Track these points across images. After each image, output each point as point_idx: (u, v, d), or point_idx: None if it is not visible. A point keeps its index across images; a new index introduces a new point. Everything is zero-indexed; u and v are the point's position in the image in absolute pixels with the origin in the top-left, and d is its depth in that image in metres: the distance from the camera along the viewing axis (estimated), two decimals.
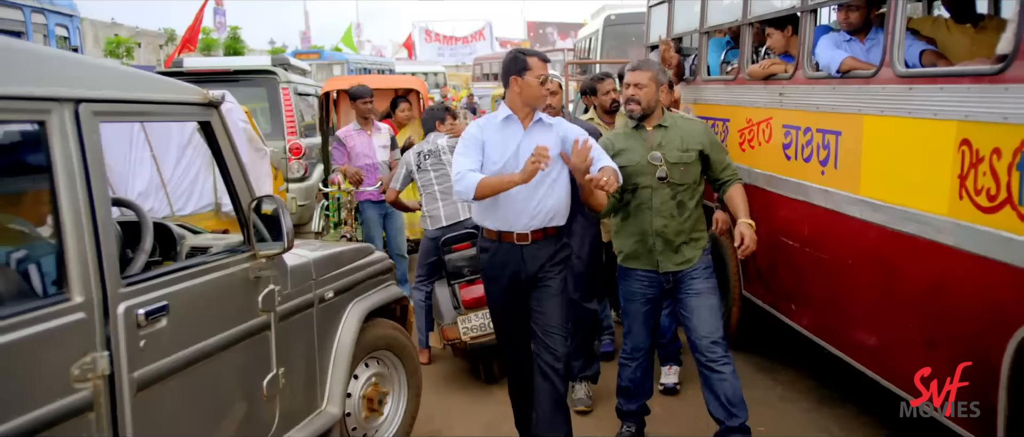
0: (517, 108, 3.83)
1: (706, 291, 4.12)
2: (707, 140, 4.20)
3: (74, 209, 2.36)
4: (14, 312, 2.21)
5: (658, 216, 4.09)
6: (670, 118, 4.22)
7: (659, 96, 4.14)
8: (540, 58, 3.83)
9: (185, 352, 2.78)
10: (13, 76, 2.27)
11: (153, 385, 2.63)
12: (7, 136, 2.47)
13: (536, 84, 3.76)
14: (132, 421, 2.54)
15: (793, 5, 4.92)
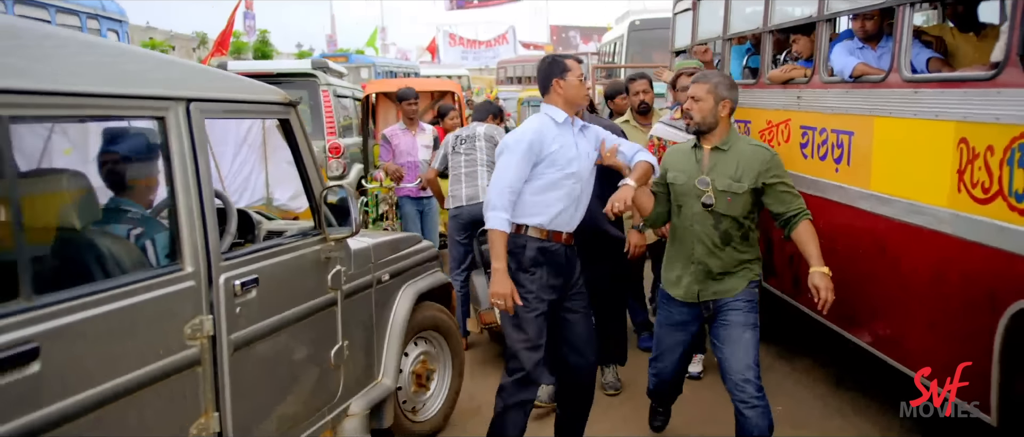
0: (564, 110, 3.87)
1: (743, 325, 3.78)
2: (766, 171, 3.72)
3: (186, 193, 2.77)
4: (141, 278, 2.62)
5: (699, 244, 3.80)
6: (733, 140, 3.79)
7: (719, 112, 3.73)
8: (575, 59, 3.93)
9: (270, 320, 3.18)
10: (140, 79, 2.69)
11: (245, 347, 3.03)
12: (132, 130, 2.89)
13: (578, 84, 3.84)
14: (230, 377, 2.94)
15: (811, 14, 5.27)
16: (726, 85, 3.76)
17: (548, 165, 3.76)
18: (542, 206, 3.78)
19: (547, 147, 3.75)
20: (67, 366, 2.27)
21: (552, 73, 3.87)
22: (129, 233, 2.86)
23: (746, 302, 3.81)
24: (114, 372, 2.43)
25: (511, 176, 3.72)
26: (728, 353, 3.77)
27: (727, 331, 3.80)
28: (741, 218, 3.75)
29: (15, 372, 2.11)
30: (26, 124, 2.56)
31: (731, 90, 3.76)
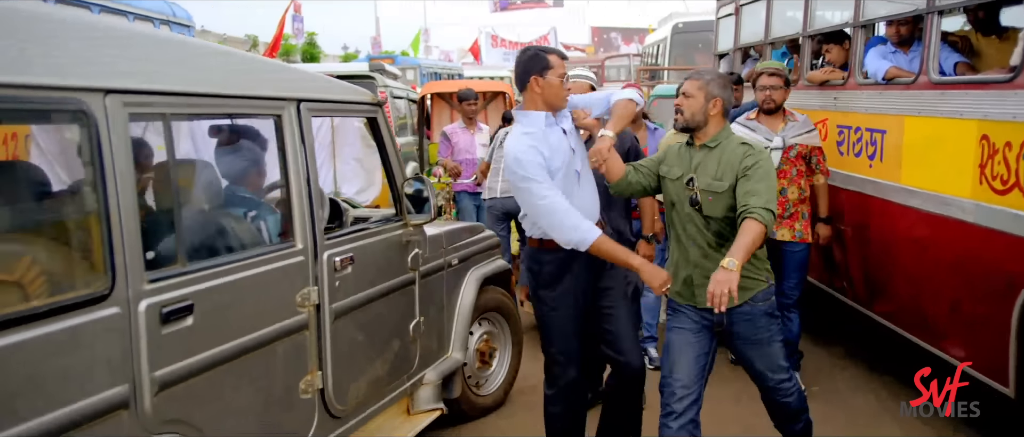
0: (542, 110, 3.56)
1: (767, 340, 3.58)
2: (742, 167, 3.47)
3: (297, 181, 3.23)
4: (265, 251, 3.08)
5: (694, 247, 3.58)
6: (722, 138, 3.57)
7: (709, 110, 3.54)
8: (560, 55, 3.56)
9: (362, 293, 3.63)
10: (261, 82, 3.15)
11: (343, 316, 3.48)
12: (250, 127, 3.36)
13: (558, 84, 3.51)
14: (331, 342, 3.39)
15: (847, 20, 5.63)
16: (718, 84, 3.58)
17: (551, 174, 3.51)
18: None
19: (550, 154, 3.49)
20: (212, 321, 2.73)
21: (532, 68, 3.51)
22: (246, 214, 3.33)
23: (763, 315, 3.56)
24: (246, 329, 2.90)
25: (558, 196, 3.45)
26: (759, 366, 3.62)
27: (752, 350, 3.60)
28: (730, 218, 3.48)
29: (176, 323, 2.58)
30: (180, 121, 3.03)
31: (723, 89, 3.58)
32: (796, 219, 5.06)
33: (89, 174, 2.33)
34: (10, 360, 2.06)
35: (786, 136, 5.03)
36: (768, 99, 5.07)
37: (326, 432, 3.41)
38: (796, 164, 5.04)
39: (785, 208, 5.01)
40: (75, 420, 2.23)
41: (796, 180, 5.06)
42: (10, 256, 2.23)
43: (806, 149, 5.05)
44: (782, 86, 5.07)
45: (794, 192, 5.05)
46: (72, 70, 2.31)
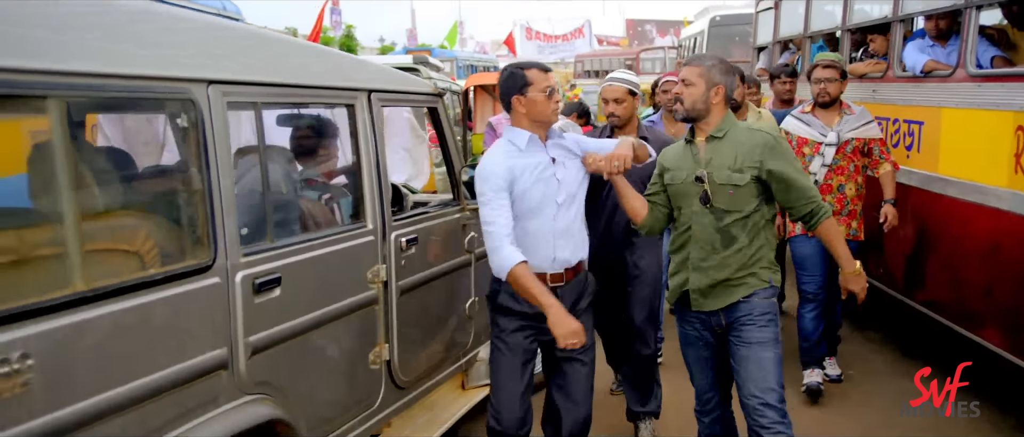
0: (530, 130, 3.38)
1: (760, 342, 3.33)
2: (769, 156, 3.28)
3: (368, 165, 3.47)
4: (342, 230, 3.33)
5: (696, 247, 3.38)
6: (729, 126, 3.36)
7: (711, 99, 3.31)
8: (540, 69, 3.39)
9: (425, 272, 3.87)
10: (337, 73, 3.39)
11: (407, 293, 3.71)
12: (325, 115, 3.61)
13: (543, 99, 3.32)
14: (397, 317, 3.63)
15: (886, 15, 5.78)
16: (721, 69, 3.35)
17: (520, 197, 3.33)
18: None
19: (517, 175, 3.31)
20: (296, 293, 2.98)
21: (511, 89, 3.36)
22: (321, 197, 3.57)
23: (762, 315, 3.34)
24: (324, 302, 3.14)
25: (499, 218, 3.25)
26: (744, 375, 3.35)
27: (743, 351, 3.36)
28: (747, 214, 3.32)
29: (266, 294, 2.82)
30: (270, 109, 3.29)
31: (726, 75, 3.34)
32: (853, 217, 4.96)
33: (194, 157, 2.59)
34: (131, 321, 2.31)
35: (841, 131, 4.89)
36: (823, 92, 4.94)
37: (391, 402, 3.65)
38: (853, 159, 4.89)
39: (843, 205, 4.91)
40: (185, 377, 2.48)
41: (854, 176, 4.92)
42: (129, 229, 2.49)
43: (864, 142, 4.90)
44: (837, 78, 4.92)
45: (852, 188, 4.93)
46: (180, 63, 2.56)
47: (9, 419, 1.97)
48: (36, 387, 2.02)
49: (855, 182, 4.93)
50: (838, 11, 6.51)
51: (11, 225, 2.24)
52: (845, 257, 3.43)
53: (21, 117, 2.30)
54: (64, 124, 2.15)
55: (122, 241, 2.43)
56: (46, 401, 2.05)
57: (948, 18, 5.24)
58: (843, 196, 4.92)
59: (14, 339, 1.97)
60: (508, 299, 3.43)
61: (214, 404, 2.61)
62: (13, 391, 1.97)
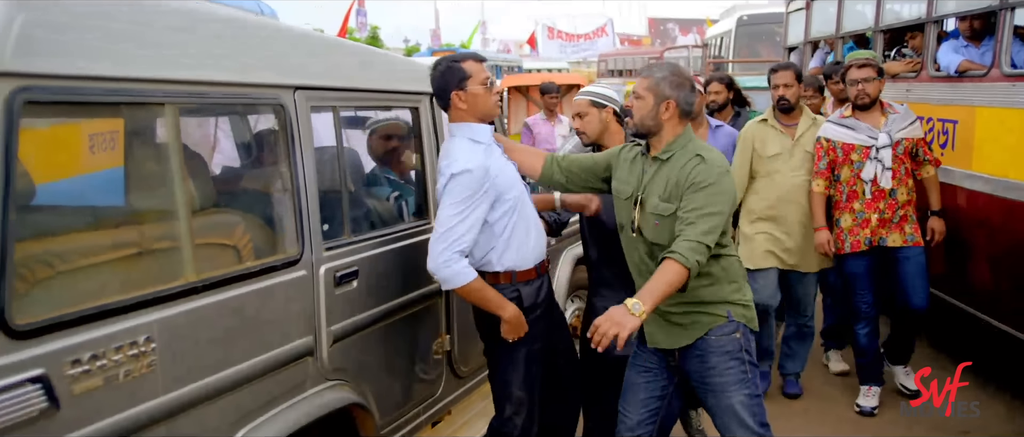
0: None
1: (722, 388, 3.05)
2: (688, 185, 2.94)
3: (432, 164, 3.65)
4: (411, 227, 3.51)
5: (639, 277, 3.14)
6: (676, 148, 3.04)
7: (661, 114, 3.02)
8: (475, 59, 3.22)
9: None
10: (403, 77, 3.58)
11: None
12: (390, 117, 3.80)
13: (483, 92, 3.17)
14: (457, 310, 3.80)
15: (920, 16, 5.91)
16: (672, 82, 3.03)
17: (502, 198, 3.22)
18: (525, 234, 3.31)
19: (498, 176, 3.18)
20: (371, 286, 3.17)
21: (448, 83, 3.18)
22: (389, 196, 3.76)
23: (719, 354, 3.04)
24: (395, 294, 3.33)
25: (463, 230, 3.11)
26: (719, 425, 3.13)
27: (709, 400, 3.11)
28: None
29: (346, 286, 3.02)
30: (347, 111, 3.48)
31: (677, 88, 3.03)
32: (906, 222, 4.75)
33: (283, 158, 2.78)
34: (234, 309, 2.51)
35: (892, 131, 4.68)
36: (861, 93, 4.69)
37: (451, 390, 3.84)
38: (903, 161, 4.71)
39: (894, 211, 4.71)
40: (279, 362, 2.68)
41: (904, 179, 4.73)
42: (228, 225, 2.69)
43: (911, 143, 4.73)
44: (875, 77, 4.69)
45: (903, 193, 4.72)
46: (270, 69, 2.76)
47: (140, 397, 2.17)
48: (158, 369, 2.22)
49: (906, 186, 4.74)
50: (870, 11, 6.64)
51: (131, 220, 2.44)
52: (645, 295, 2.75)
53: (139, 120, 2.49)
54: (177, 127, 2.35)
55: (223, 236, 2.63)
56: (166, 382, 2.25)
57: (982, 19, 5.36)
58: (895, 201, 4.71)
59: (141, 324, 2.17)
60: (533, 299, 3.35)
61: (301, 388, 2.81)
62: (141, 372, 2.17)
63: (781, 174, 4.87)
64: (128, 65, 2.20)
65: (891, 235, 4.75)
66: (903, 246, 4.74)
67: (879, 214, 4.72)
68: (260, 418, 2.60)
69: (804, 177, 4.86)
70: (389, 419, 3.33)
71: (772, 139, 4.90)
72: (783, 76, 4.89)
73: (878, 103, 4.77)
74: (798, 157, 4.88)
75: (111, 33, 2.16)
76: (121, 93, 2.19)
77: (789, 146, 4.89)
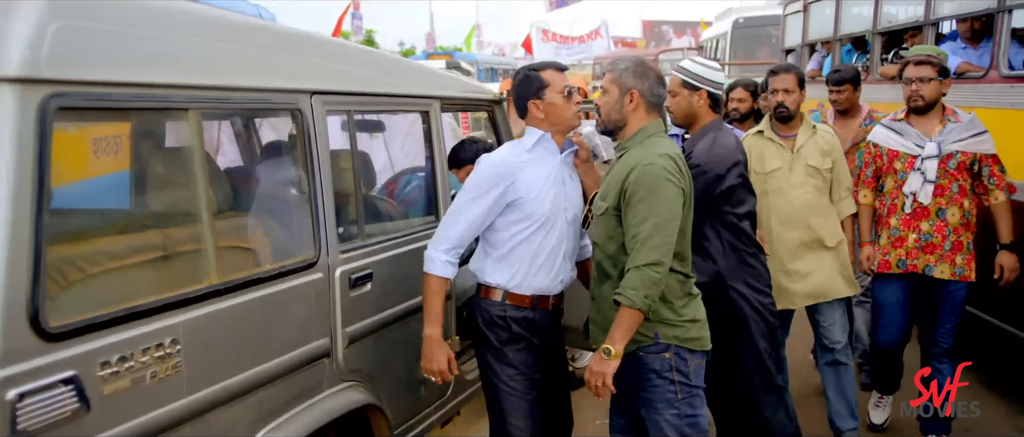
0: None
1: (648, 402, 2.93)
2: (626, 187, 2.82)
3: (441, 165, 3.70)
4: (416, 230, 3.55)
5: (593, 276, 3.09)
6: (632, 144, 2.96)
7: (625, 106, 2.95)
8: (555, 68, 3.15)
9: None
10: (414, 82, 3.63)
11: None
12: (401, 120, 3.85)
13: (562, 101, 3.07)
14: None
15: (917, 18, 5.97)
16: (635, 72, 2.96)
17: (527, 199, 3.04)
18: (531, 259, 3.09)
19: (524, 175, 3.04)
20: (384, 288, 3.21)
21: (525, 93, 3.11)
22: (401, 197, 3.81)
23: (652, 372, 2.89)
24: (407, 296, 3.37)
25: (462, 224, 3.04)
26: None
27: (643, 410, 2.98)
28: (610, 253, 2.92)
29: (360, 288, 3.06)
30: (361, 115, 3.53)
31: (641, 79, 2.95)
32: (958, 251, 4.07)
33: (301, 161, 2.82)
34: (254, 311, 2.55)
35: (944, 142, 4.04)
36: (915, 95, 4.10)
37: (460, 392, 3.88)
38: (957, 177, 4.04)
39: (944, 235, 4.05)
40: (297, 364, 2.72)
41: (957, 198, 4.05)
42: (247, 228, 2.74)
43: (971, 157, 4.05)
44: (934, 77, 4.06)
45: (955, 214, 4.06)
46: (288, 75, 2.80)
47: (165, 398, 2.21)
48: (183, 370, 2.26)
49: (960, 206, 4.06)
50: (868, 13, 6.71)
51: (156, 223, 2.48)
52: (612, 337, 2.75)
53: (163, 125, 2.53)
54: (200, 132, 2.39)
55: (243, 239, 2.68)
56: (190, 383, 2.29)
57: (980, 21, 5.43)
58: (944, 223, 4.06)
59: (167, 326, 2.21)
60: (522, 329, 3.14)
61: (318, 389, 2.85)
62: (167, 373, 2.21)
63: (781, 192, 4.15)
64: (155, 71, 2.24)
65: (940, 265, 4.08)
66: (950, 280, 4.09)
67: (920, 235, 4.09)
68: (280, 418, 2.64)
69: (808, 194, 4.15)
70: (401, 420, 3.38)
71: (770, 152, 4.20)
72: (783, 80, 4.22)
73: (938, 107, 4.14)
74: (799, 172, 4.17)
75: (138, 40, 2.20)
76: (148, 99, 2.24)
77: (788, 159, 4.18)
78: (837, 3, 7.42)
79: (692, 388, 2.91)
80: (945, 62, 4.18)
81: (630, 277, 2.72)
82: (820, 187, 4.20)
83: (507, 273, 3.09)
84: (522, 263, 3.07)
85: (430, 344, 3.03)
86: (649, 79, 2.96)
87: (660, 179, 2.78)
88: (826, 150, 4.19)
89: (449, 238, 3.03)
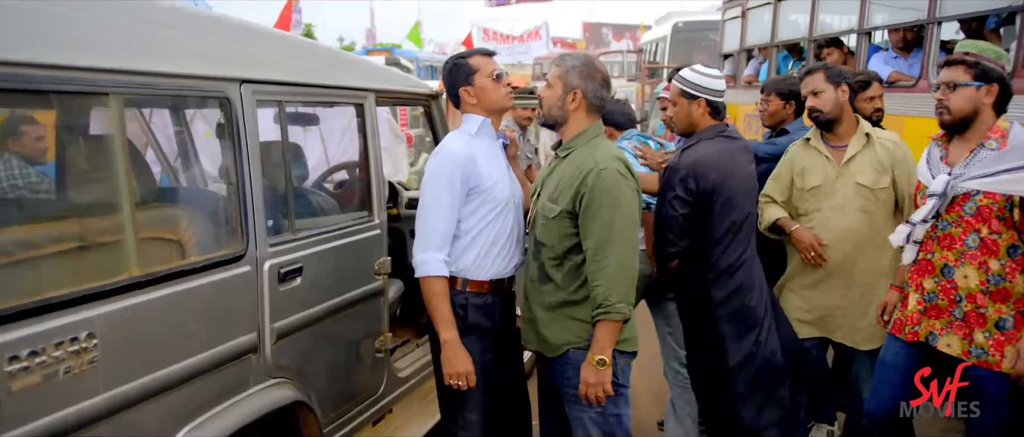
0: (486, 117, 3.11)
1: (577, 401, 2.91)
2: (582, 191, 2.79)
3: (376, 161, 3.64)
4: (355, 223, 3.48)
5: (527, 271, 3.07)
6: (578, 144, 2.93)
7: (567, 104, 2.90)
8: (482, 54, 3.11)
9: None
10: (350, 74, 3.56)
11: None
12: (341, 113, 3.77)
13: (492, 84, 3.05)
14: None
15: (851, 27, 6.09)
16: (581, 72, 2.90)
17: (479, 186, 3.01)
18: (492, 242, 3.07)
19: (479, 162, 3.01)
20: (315, 282, 3.13)
21: (456, 81, 3.10)
22: (332, 191, 3.74)
23: (577, 372, 2.89)
24: (339, 291, 3.30)
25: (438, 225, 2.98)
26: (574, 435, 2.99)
27: (567, 407, 3.00)
28: (559, 254, 2.89)
29: (290, 282, 2.98)
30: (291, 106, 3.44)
31: (586, 79, 2.88)
32: (977, 324, 3.06)
33: (229, 152, 2.74)
34: (178, 305, 2.46)
35: (963, 174, 3.03)
36: (939, 106, 3.14)
37: (393, 389, 3.82)
38: (977, 225, 3.02)
39: (954, 301, 3.10)
40: (223, 359, 2.63)
41: (976, 256, 3.04)
42: (172, 219, 2.64)
43: (1001, 202, 2.98)
44: (966, 82, 3.05)
45: (973, 276, 3.05)
46: (216, 62, 2.71)
47: (79, 395, 2.12)
48: (100, 365, 2.17)
49: (980, 267, 3.03)
50: (804, 21, 6.82)
51: (72, 213, 2.38)
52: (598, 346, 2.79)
53: (81, 111, 2.43)
54: (121, 119, 2.29)
55: (166, 230, 2.58)
56: (108, 379, 2.20)
57: (912, 31, 5.55)
58: (951, 285, 3.10)
59: (83, 319, 2.12)
60: (480, 316, 3.08)
61: (246, 386, 2.77)
62: (82, 368, 2.11)
63: (821, 213, 3.67)
64: (71, 53, 2.15)
65: (946, 336, 3.14)
66: (962, 358, 3.10)
67: (923, 296, 3.19)
68: (203, 416, 2.56)
69: (854, 219, 3.60)
70: (331, 417, 3.30)
71: (815, 166, 3.72)
72: (809, 82, 3.72)
73: (982, 125, 3.07)
74: (845, 191, 3.63)
75: (56, 21, 2.11)
76: (64, 82, 2.14)
77: (833, 175, 3.67)
78: (774, 10, 7.53)
79: (619, 387, 2.91)
80: (996, 63, 3.15)
81: (606, 289, 2.74)
82: (871, 210, 3.60)
83: (466, 260, 3.04)
84: (482, 249, 3.04)
85: (450, 349, 2.94)
86: (595, 81, 2.92)
87: (618, 184, 2.79)
88: (885, 163, 3.61)
89: (435, 237, 2.96)
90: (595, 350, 2.79)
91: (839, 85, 3.63)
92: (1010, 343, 3.00)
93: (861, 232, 3.60)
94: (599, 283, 2.76)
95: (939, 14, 4.90)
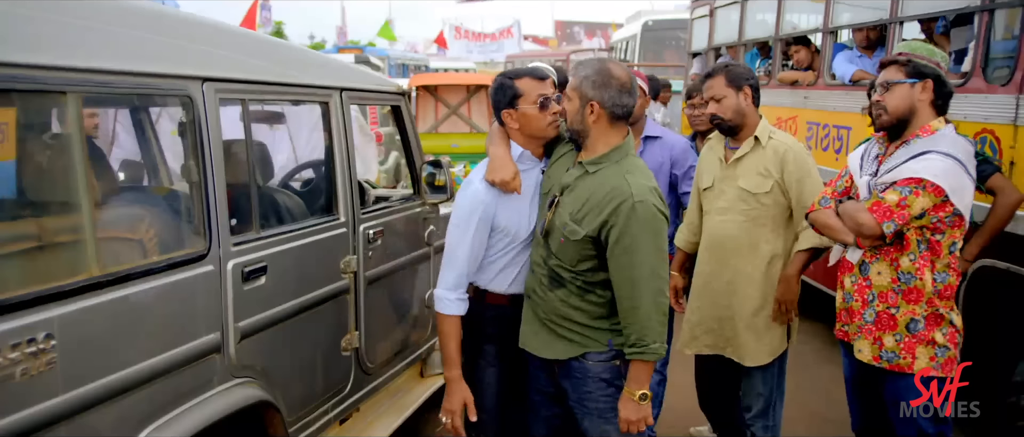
0: (523, 145, 3.04)
1: (594, 414, 2.91)
2: (611, 222, 2.71)
3: (342, 160, 3.63)
4: (320, 222, 3.48)
5: (531, 273, 3.00)
6: (607, 163, 2.80)
7: (586, 117, 2.79)
8: (532, 76, 2.97)
9: (389, 264, 4.03)
10: (315, 72, 3.55)
11: (374, 283, 3.88)
12: (307, 112, 3.75)
13: (535, 112, 2.94)
14: (364, 305, 3.79)
15: (816, 26, 6.16)
16: (594, 82, 2.77)
17: (506, 224, 3.01)
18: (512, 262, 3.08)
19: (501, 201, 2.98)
20: (279, 281, 3.12)
21: (499, 102, 3.02)
22: (297, 190, 3.72)
23: (596, 380, 2.89)
24: (304, 290, 3.30)
25: (458, 263, 3.00)
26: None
27: (587, 421, 2.94)
28: (577, 273, 2.84)
29: (254, 281, 2.97)
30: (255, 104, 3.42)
31: (601, 89, 2.76)
32: (888, 327, 3.10)
33: (192, 150, 2.72)
34: (138, 305, 2.44)
35: (881, 170, 3.09)
36: (876, 107, 3.13)
37: (360, 387, 3.82)
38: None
39: (866, 302, 3.14)
40: (185, 359, 2.62)
41: (890, 250, 3.06)
42: (132, 218, 2.62)
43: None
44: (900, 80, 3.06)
45: (884, 275, 3.09)
46: (177, 60, 2.69)
47: (37, 396, 2.09)
48: (58, 366, 2.15)
49: (892, 264, 3.06)
50: (771, 20, 6.88)
51: (29, 213, 2.36)
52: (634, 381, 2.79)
53: (38, 109, 2.40)
54: (79, 117, 2.27)
55: (127, 229, 2.56)
56: (67, 380, 2.18)
57: (875, 30, 5.62)
58: (866, 285, 3.13)
59: (40, 320, 2.10)
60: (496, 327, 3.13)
61: (209, 386, 2.75)
62: (40, 370, 2.09)
63: (709, 216, 3.63)
64: (29, 52, 2.12)
65: (858, 339, 3.18)
66: (872, 363, 3.14)
67: (844, 295, 3.24)
68: (166, 416, 2.54)
69: (735, 224, 3.50)
70: (297, 417, 3.29)
71: (710, 167, 3.67)
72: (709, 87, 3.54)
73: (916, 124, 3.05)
74: (729, 194, 3.53)
75: (12, 19, 2.09)
76: (19, 80, 2.11)
77: (721, 177, 3.58)
78: (742, 9, 7.59)
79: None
80: (929, 62, 3.18)
81: (641, 331, 2.72)
82: (754, 216, 3.46)
83: (487, 274, 3.09)
84: (502, 267, 3.08)
85: (450, 386, 3.03)
86: (610, 88, 2.78)
87: (655, 219, 2.73)
88: (771, 167, 3.42)
89: (454, 275, 3.02)
90: (633, 387, 2.78)
91: (741, 89, 3.45)
92: (921, 344, 3.05)
93: (739, 239, 3.48)
94: (633, 323, 2.74)
95: (901, 14, 4.96)
